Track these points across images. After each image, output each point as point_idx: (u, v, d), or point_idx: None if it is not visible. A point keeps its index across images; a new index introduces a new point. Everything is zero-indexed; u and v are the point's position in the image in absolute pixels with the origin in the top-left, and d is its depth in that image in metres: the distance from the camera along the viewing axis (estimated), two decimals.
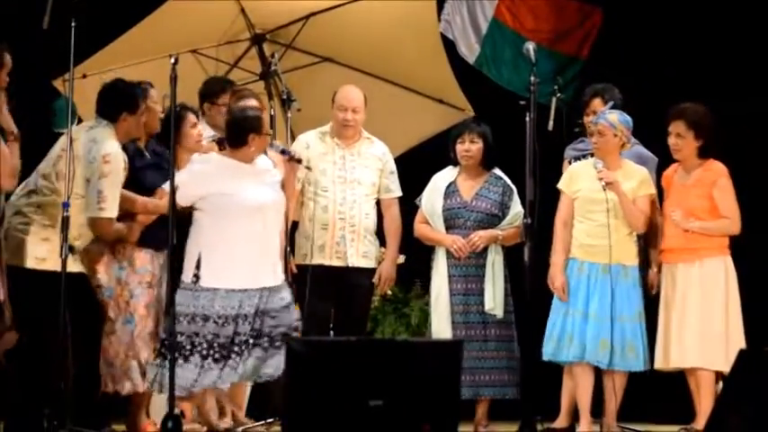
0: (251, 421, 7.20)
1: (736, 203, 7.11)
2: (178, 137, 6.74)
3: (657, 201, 7.31)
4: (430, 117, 8.41)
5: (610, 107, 7.17)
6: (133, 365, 6.70)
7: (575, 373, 7.01)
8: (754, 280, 7.37)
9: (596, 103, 7.40)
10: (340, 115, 7.36)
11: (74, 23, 6.36)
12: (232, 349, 6.48)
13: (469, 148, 7.37)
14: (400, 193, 7.51)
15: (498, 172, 7.45)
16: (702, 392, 6.95)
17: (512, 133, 7.05)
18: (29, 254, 6.41)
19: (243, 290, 6.53)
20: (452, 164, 7.47)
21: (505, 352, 7.26)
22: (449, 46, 8.90)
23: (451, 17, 9.46)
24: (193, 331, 6.48)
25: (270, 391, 7.21)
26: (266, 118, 6.74)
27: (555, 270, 7.04)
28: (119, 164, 6.52)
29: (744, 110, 8.57)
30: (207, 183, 6.58)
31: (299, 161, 6.85)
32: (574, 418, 7.13)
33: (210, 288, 6.52)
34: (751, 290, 7.25)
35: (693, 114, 7.10)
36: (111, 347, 6.70)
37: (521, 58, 7.69)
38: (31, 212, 6.47)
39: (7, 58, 6.26)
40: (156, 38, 7.79)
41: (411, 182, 7.58)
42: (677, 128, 7.12)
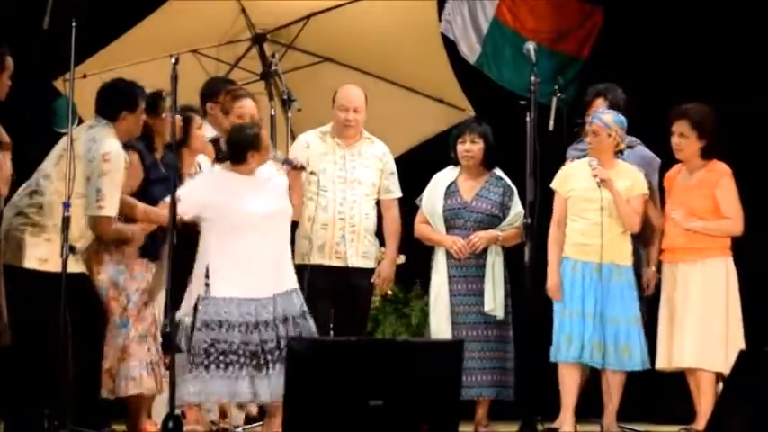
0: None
1: (739, 204, 7.12)
2: (186, 139, 6.79)
3: (659, 201, 7.32)
4: (430, 117, 8.42)
5: (607, 107, 7.18)
6: (124, 369, 6.66)
7: (561, 371, 7.00)
8: (754, 280, 7.36)
9: (598, 103, 7.39)
10: (341, 115, 7.35)
11: (74, 23, 6.37)
12: (265, 357, 6.40)
13: (470, 148, 7.37)
14: (400, 194, 7.50)
15: (499, 172, 7.44)
16: (703, 393, 6.95)
17: (512, 133, 7.05)
18: (30, 254, 6.39)
19: (256, 299, 6.47)
20: (453, 164, 7.48)
21: (503, 353, 7.26)
22: (449, 46, 8.90)
23: (452, 17, 9.46)
24: (214, 338, 6.39)
25: None
26: (264, 134, 6.69)
27: (549, 270, 7.04)
28: (118, 162, 6.50)
29: (744, 109, 8.57)
30: (207, 195, 6.53)
31: (302, 168, 6.81)
32: (575, 417, 7.14)
33: (222, 297, 6.46)
34: (751, 290, 7.25)
35: (697, 114, 7.10)
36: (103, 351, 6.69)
37: (521, 58, 7.66)
38: (33, 213, 6.45)
39: (9, 61, 6.26)
40: (157, 38, 7.79)
41: (411, 182, 7.57)
42: (680, 127, 7.12)
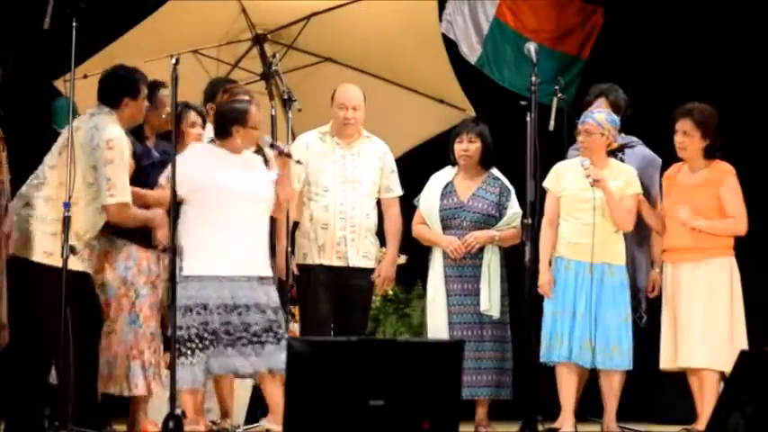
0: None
1: (743, 204, 7.12)
2: (179, 135, 6.77)
3: (660, 200, 7.31)
4: (431, 117, 8.41)
5: (609, 107, 7.19)
6: (134, 367, 6.69)
7: (559, 373, 7.01)
8: (754, 280, 7.36)
9: (601, 103, 7.39)
10: (340, 114, 7.36)
11: (75, 24, 6.38)
12: (244, 336, 6.41)
13: (468, 147, 7.37)
14: (401, 192, 7.51)
15: (496, 172, 7.45)
16: (706, 393, 6.93)
17: (512, 133, 7.05)
18: (37, 247, 6.40)
19: (228, 277, 6.43)
20: (451, 164, 7.47)
21: (500, 353, 7.27)
22: (450, 46, 8.89)
23: (453, 17, 9.46)
24: (193, 322, 6.39)
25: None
26: (254, 111, 6.65)
27: (540, 267, 7.02)
28: (122, 148, 6.49)
29: (744, 109, 8.57)
30: (189, 169, 6.46)
31: (288, 155, 6.74)
32: (575, 417, 7.14)
33: (194, 276, 6.43)
34: (751, 290, 7.25)
35: (701, 114, 7.10)
36: (111, 347, 6.69)
37: (522, 58, 7.69)
38: (40, 205, 6.46)
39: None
40: (158, 38, 7.79)
41: (412, 182, 7.58)
42: (684, 126, 7.12)
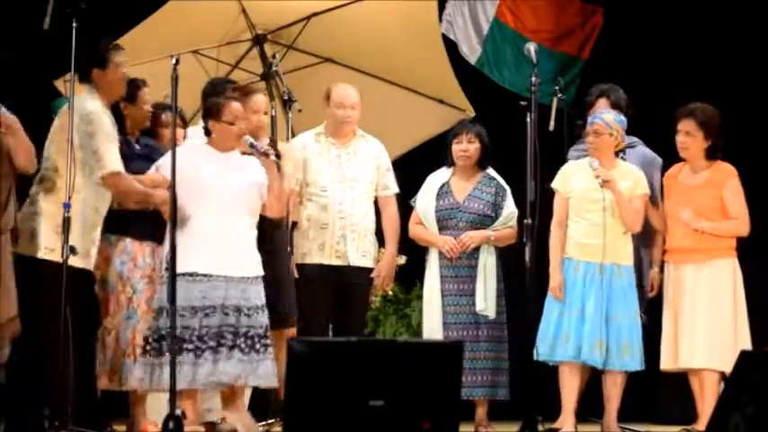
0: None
1: (745, 205, 7.12)
2: (156, 135, 6.94)
3: (660, 201, 7.31)
4: (431, 118, 8.40)
5: (610, 107, 7.18)
6: (129, 363, 6.66)
7: (563, 372, 7.01)
8: (755, 281, 7.35)
9: (601, 103, 7.39)
10: (339, 113, 7.36)
11: (75, 24, 6.38)
12: (198, 344, 6.32)
13: (467, 147, 7.38)
14: (397, 190, 7.50)
15: (492, 172, 7.45)
16: (707, 393, 6.93)
17: (512, 134, 7.05)
18: (41, 243, 6.40)
19: (206, 275, 6.37)
20: (447, 164, 7.47)
21: (496, 353, 7.27)
22: (450, 46, 8.89)
23: (453, 18, 9.46)
24: (182, 325, 6.30)
25: (270, 392, 7.20)
26: (233, 107, 6.58)
27: (551, 269, 7.04)
28: (102, 119, 6.44)
29: (744, 109, 8.57)
30: (179, 163, 6.37)
31: (265, 154, 6.62)
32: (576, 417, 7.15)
33: (180, 274, 6.27)
34: (751, 291, 7.24)
35: (703, 114, 7.11)
36: (111, 344, 6.69)
37: (522, 58, 7.68)
38: (42, 200, 6.45)
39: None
40: (158, 38, 7.78)
41: (412, 182, 7.58)
42: (686, 126, 7.12)
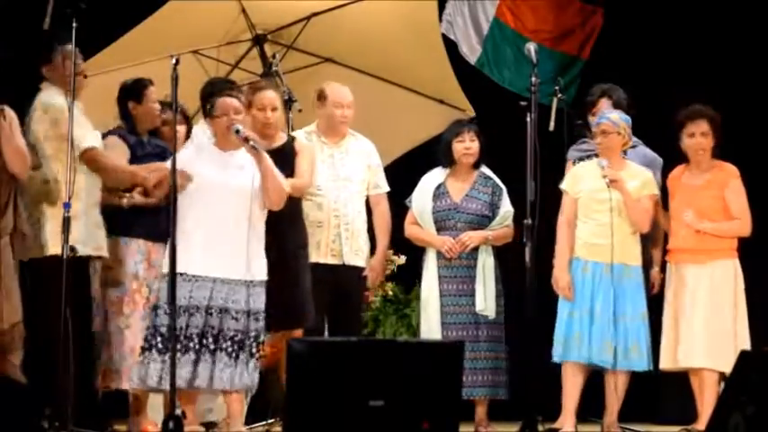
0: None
1: (747, 205, 7.13)
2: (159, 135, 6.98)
3: (661, 201, 7.31)
4: (431, 118, 8.40)
5: (611, 107, 7.18)
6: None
7: (566, 372, 7.01)
8: (756, 281, 7.35)
9: (603, 103, 7.38)
10: (337, 112, 7.35)
11: (75, 24, 6.38)
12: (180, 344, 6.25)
13: (470, 146, 7.38)
14: (388, 189, 7.49)
15: (487, 171, 7.45)
16: (706, 393, 6.92)
17: (512, 134, 7.05)
18: (44, 243, 6.49)
19: (194, 276, 6.30)
20: (444, 165, 7.45)
21: (496, 353, 7.27)
22: (450, 46, 8.89)
23: (453, 18, 9.45)
24: (166, 324, 6.23)
25: (270, 393, 7.21)
26: (221, 102, 6.51)
27: (560, 270, 7.03)
28: (61, 106, 6.46)
29: (744, 110, 8.57)
30: (182, 163, 6.39)
31: (245, 140, 6.45)
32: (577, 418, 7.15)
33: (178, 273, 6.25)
34: (752, 291, 7.24)
35: (713, 115, 7.13)
36: (125, 343, 6.71)
37: (522, 58, 7.67)
38: (43, 197, 6.50)
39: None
40: (158, 38, 7.79)
41: (411, 182, 7.56)
42: (701, 127, 7.12)
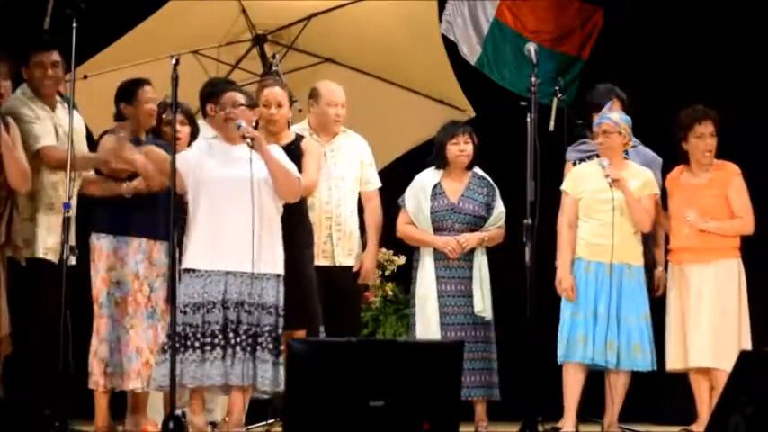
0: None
1: (749, 203, 7.14)
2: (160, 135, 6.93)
3: (660, 201, 7.31)
4: (431, 118, 8.39)
5: (609, 107, 7.18)
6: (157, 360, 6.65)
7: (567, 372, 7.00)
8: (757, 281, 7.35)
9: (616, 104, 7.32)
10: (332, 111, 7.34)
11: (75, 24, 6.39)
12: (204, 342, 6.24)
13: (464, 148, 7.36)
14: (379, 184, 7.47)
15: (479, 171, 7.45)
16: (715, 393, 6.90)
17: (512, 134, 7.05)
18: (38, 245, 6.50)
19: (206, 271, 6.27)
20: (437, 166, 7.43)
21: (488, 353, 7.27)
22: (450, 46, 8.89)
23: (453, 18, 9.44)
24: (186, 322, 6.26)
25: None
26: (225, 97, 6.49)
27: (562, 271, 7.03)
28: (17, 105, 6.48)
29: (744, 109, 8.57)
30: (187, 163, 6.39)
31: (243, 136, 6.41)
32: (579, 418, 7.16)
33: (188, 269, 6.31)
34: (752, 291, 7.25)
35: (717, 116, 7.15)
36: (130, 344, 6.67)
37: (522, 58, 7.66)
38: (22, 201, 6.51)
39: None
40: (158, 39, 7.79)
41: (410, 182, 7.55)
42: (709, 128, 7.14)
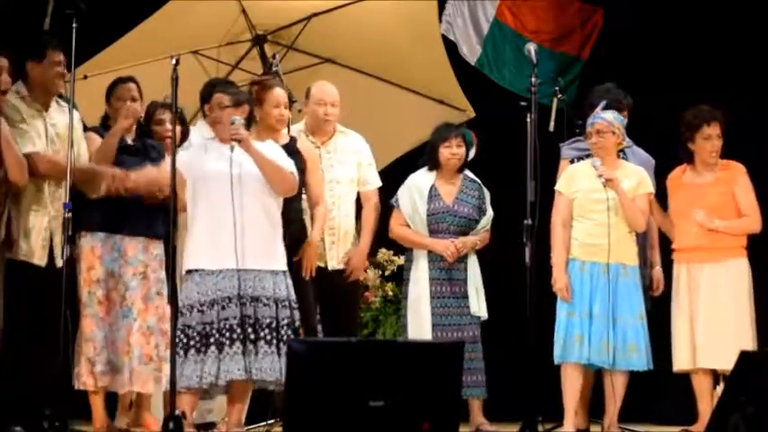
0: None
1: (756, 201, 7.15)
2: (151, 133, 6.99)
3: (658, 202, 7.31)
4: (431, 118, 8.38)
5: (602, 107, 7.17)
6: (127, 362, 6.62)
7: (565, 372, 6.99)
8: (755, 280, 7.35)
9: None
10: (320, 110, 7.32)
11: (75, 25, 6.39)
12: (221, 338, 6.14)
13: (457, 152, 7.37)
14: (379, 184, 7.47)
15: (470, 174, 7.45)
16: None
17: (512, 134, 7.05)
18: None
19: (213, 270, 6.19)
20: (430, 167, 7.43)
21: (477, 353, 7.28)
22: (450, 47, 8.89)
23: (453, 18, 9.45)
24: (185, 323, 6.20)
25: (271, 393, 7.20)
26: (215, 97, 6.43)
27: (557, 271, 7.03)
28: (5, 109, 6.41)
29: (744, 109, 8.57)
30: (186, 161, 6.35)
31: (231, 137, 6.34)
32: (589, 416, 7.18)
33: (190, 270, 6.25)
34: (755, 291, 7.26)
35: (723, 116, 7.17)
36: (108, 342, 6.62)
37: (522, 58, 7.65)
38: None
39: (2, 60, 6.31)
40: (158, 39, 7.79)
41: (394, 182, 7.55)
42: (716, 129, 7.18)
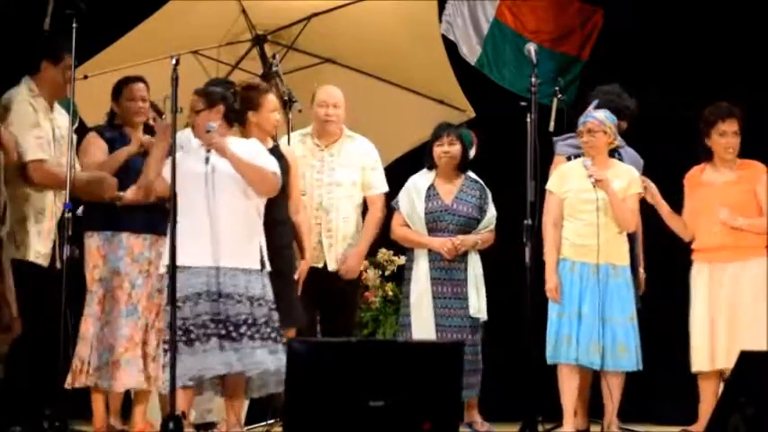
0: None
1: None
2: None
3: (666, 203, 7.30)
4: (431, 118, 8.39)
5: (595, 106, 7.17)
6: (130, 360, 6.61)
7: (561, 374, 6.99)
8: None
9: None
10: (321, 111, 7.36)
11: (75, 25, 6.39)
12: (198, 333, 6.10)
13: (449, 149, 7.38)
14: (385, 189, 7.48)
15: (472, 174, 7.45)
16: None
17: (512, 134, 7.05)
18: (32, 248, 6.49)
19: (186, 266, 6.12)
20: (428, 167, 7.46)
21: (477, 355, 7.29)
22: (450, 47, 8.89)
23: (453, 18, 9.45)
24: (182, 317, 6.11)
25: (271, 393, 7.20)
26: (191, 103, 6.39)
27: (548, 271, 7.01)
28: (20, 106, 6.42)
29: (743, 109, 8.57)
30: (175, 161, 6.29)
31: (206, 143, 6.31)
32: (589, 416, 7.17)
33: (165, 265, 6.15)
34: None
35: (741, 113, 7.17)
36: (104, 340, 6.62)
37: (522, 58, 7.65)
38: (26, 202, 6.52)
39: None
40: (158, 39, 7.79)
41: (395, 183, 7.55)
42: (733, 126, 7.18)
